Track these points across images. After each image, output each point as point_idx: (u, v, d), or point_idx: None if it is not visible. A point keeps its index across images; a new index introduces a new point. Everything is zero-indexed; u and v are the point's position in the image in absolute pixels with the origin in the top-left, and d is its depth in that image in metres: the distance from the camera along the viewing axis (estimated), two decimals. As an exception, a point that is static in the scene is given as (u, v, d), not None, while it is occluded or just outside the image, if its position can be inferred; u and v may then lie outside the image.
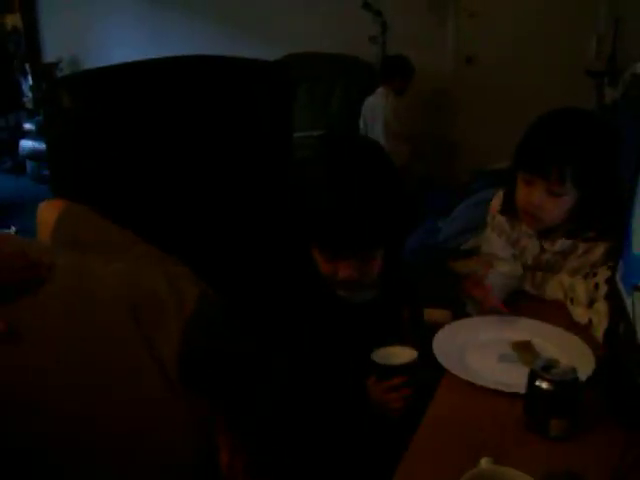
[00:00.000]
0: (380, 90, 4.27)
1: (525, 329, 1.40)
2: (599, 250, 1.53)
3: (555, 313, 1.50)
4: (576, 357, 1.24)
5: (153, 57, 1.67)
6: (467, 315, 1.54)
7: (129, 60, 1.66)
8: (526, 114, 1.62)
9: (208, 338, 0.79)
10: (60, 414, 0.67)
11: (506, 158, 3.70)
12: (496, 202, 1.70)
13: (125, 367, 0.71)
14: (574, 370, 1.06)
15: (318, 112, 4.42)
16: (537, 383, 1.05)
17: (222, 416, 0.84)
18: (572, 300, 1.50)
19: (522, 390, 1.10)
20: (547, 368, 1.06)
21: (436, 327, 1.40)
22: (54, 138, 1.57)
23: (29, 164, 5.34)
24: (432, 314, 1.57)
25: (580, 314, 1.46)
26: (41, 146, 5.21)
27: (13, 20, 5.99)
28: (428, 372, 1.29)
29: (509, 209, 1.62)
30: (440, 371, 1.27)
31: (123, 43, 5.35)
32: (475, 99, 4.59)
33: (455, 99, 4.68)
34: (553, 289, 1.58)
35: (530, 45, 4.34)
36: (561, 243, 1.57)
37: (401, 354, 1.31)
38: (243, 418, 0.91)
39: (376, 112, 4.23)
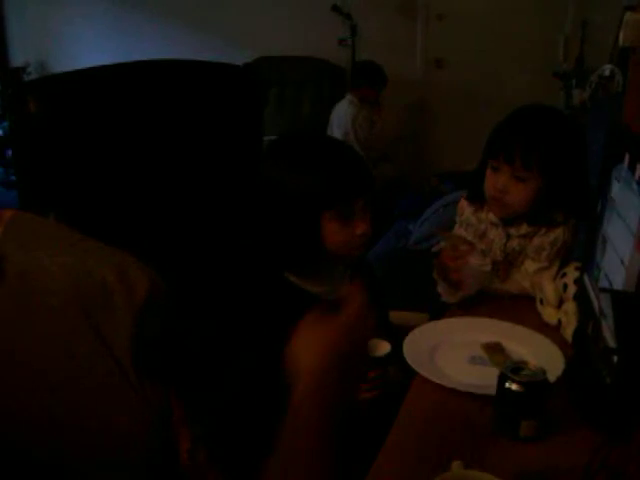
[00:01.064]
0: (347, 96, 4.25)
1: (495, 330, 1.40)
2: (560, 228, 1.58)
3: (525, 314, 1.51)
4: (546, 358, 1.25)
5: (122, 61, 1.65)
6: (440, 306, 1.57)
7: (96, 62, 1.64)
8: (495, 116, 1.66)
9: (160, 325, 0.78)
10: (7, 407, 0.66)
11: (476, 160, 3.73)
12: (464, 201, 1.73)
13: (76, 358, 0.70)
14: (543, 371, 1.06)
15: (288, 116, 4.41)
16: (507, 385, 1.05)
17: (182, 405, 0.84)
18: (542, 301, 1.51)
19: (492, 392, 1.10)
20: (517, 370, 1.06)
21: (410, 330, 1.40)
22: (20, 144, 1.55)
23: (-2, 170, 5.27)
24: (407, 317, 1.57)
25: (549, 315, 1.47)
26: (9, 152, 5.14)
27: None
28: (400, 370, 1.30)
29: (476, 197, 1.67)
30: (410, 372, 1.27)
31: (92, 47, 5.29)
32: (445, 101, 4.62)
33: (425, 102, 4.70)
34: (519, 278, 1.62)
35: (499, 47, 4.38)
36: (526, 227, 1.60)
37: (375, 347, 1.32)
38: (202, 405, 0.91)
39: (340, 119, 4.21)
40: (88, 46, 5.35)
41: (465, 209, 1.72)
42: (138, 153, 1.59)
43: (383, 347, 1.32)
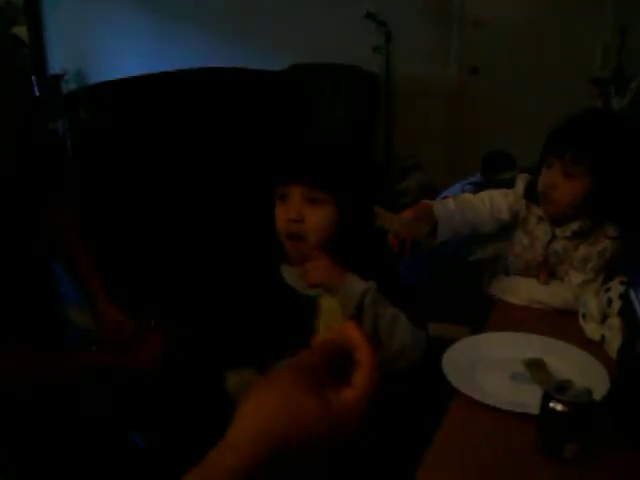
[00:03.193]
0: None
1: (537, 346, 1.37)
2: (609, 242, 1.57)
3: (567, 329, 1.47)
4: (590, 376, 1.21)
5: (157, 69, 1.67)
6: (480, 319, 1.56)
7: (133, 71, 1.65)
8: (531, 124, 1.65)
9: None
10: None
11: (512, 169, 3.67)
12: (522, 179, 1.74)
13: None
14: (589, 392, 1.03)
15: (321, 122, 4.40)
16: (551, 405, 1.02)
17: None
18: (584, 316, 1.47)
19: (535, 411, 1.07)
20: (561, 389, 1.03)
21: (449, 343, 1.38)
22: (72, 147, 1.60)
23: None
24: (446, 330, 1.54)
25: (593, 330, 1.44)
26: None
27: (19, 32, 6.02)
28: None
29: (531, 195, 1.67)
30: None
31: (128, 55, 5.35)
32: (479, 108, 4.57)
33: (460, 109, 4.66)
34: (562, 291, 1.60)
35: (536, 54, 4.32)
36: (574, 227, 1.59)
37: None
38: None
39: None
40: (124, 54, 5.41)
41: (520, 185, 1.72)
42: (183, 155, 1.61)
43: None
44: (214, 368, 1.34)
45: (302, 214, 1.35)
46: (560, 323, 1.53)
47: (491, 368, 1.31)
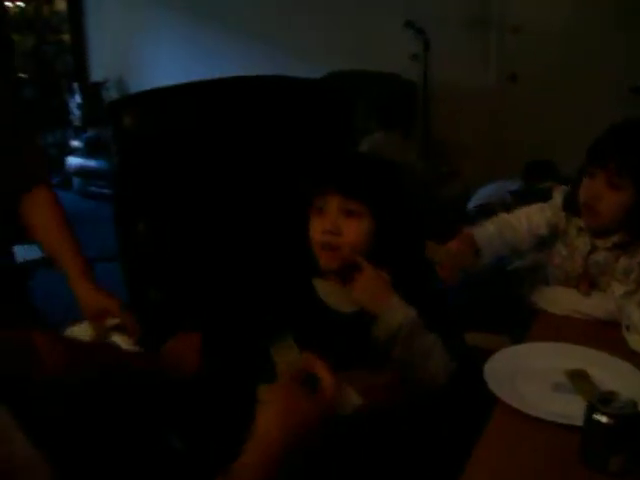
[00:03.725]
0: None
1: (579, 357, 1.36)
2: None
3: (610, 340, 1.46)
4: (634, 388, 1.20)
5: (196, 78, 1.69)
6: (521, 329, 1.55)
7: (173, 79, 1.68)
8: (571, 132, 1.64)
9: None
10: None
11: (550, 178, 3.63)
12: (559, 191, 1.74)
13: None
14: (635, 404, 1.02)
15: (359, 130, 4.41)
16: (596, 417, 1.01)
17: None
18: (628, 327, 1.45)
19: (579, 422, 1.06)
20: (606, 401, 1.02)
21: (489, 353, 1.37)
22: (117, 155, 1.63)
23: (75, 180, 5.44)
24: (486, 340, 1.54)
25: (636, 342, 1.42)
26: (88, 163, 5.31)
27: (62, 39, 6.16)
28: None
29: (571, 207, 1.66)
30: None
31: (167, 62, 5.43)
32: (518, 116, 4.54)
33: (498, 117, 4.63)
34: (605, 302, 1.58)
35: (576, 62, 4.28)
36: (615, 239, 1.58)
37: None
38: None
39: None
40: (164, 62, 5.50)
41: (558, 197, 1.72)
42: (228, 164, 1.63)
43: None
44: (246, 378, 1.34)
45: (338, 226, 1.35)
46: (603, 334, 1.51)
47: (532, 378, 1.30)
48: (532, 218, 1.73)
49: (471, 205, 4.05)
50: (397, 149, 4.05)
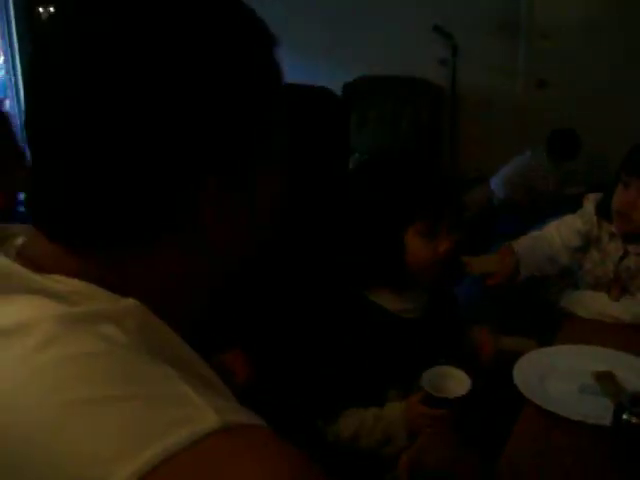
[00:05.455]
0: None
1: (606, 359, 1.38)
2: None
3: (637, 343, 1.47)
4: (662, 390, 1.21)
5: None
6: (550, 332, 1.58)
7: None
8: (598, 140, 1.65)
9: None
10: None
11: (579, 184, 3.65)
12: (591, 199, 1.75)
13: None
14: (663, 404, 1.03)
15: (388, 134, 4.44)
16: (625, 417, 1.02)
17: None
18: (656, 331, 1.47)
19: (606, 422, 1.08)
20: (635, 401, 1.04)
21: (518, 356, 1.39)
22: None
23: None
24: (515, 343, 1.55)
25: (664, 345, 1.43)
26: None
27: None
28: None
29: (604, 213, 1.67)
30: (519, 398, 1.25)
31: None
32: (546, 123, 4.52)
33: (526, 123, 4.62)
34: (632, 306, 1.60)
35: (605, 70, 4.26)
36: None
37: (453, 379, 1.23)
38: None
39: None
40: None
41: (590, 205, 1.73)
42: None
43: (462, 384, 1.21)
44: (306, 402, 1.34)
45: None
46: (630, 337, 1.52)
47: (560, 380, 1.32)
48: (563, 232, 1.75)
49: (494, 187, 4.16)
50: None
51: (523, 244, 1.71)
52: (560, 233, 1.74)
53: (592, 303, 1.65)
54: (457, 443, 1.22)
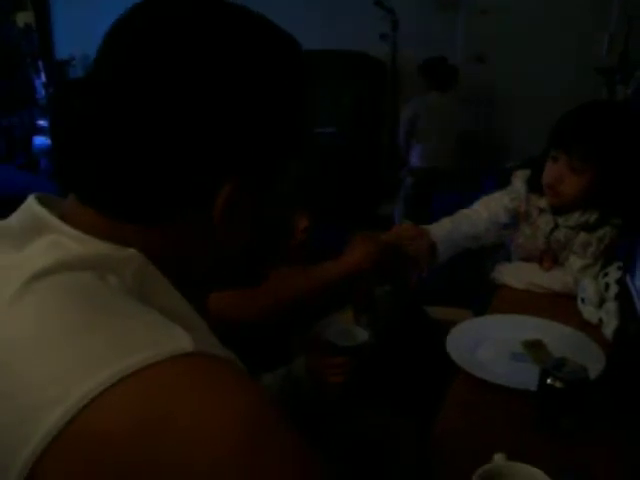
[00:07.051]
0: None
1: (536, 328, 1.43)
2: (608, 225, 1.62)
3: (566, 312, 1.53)
4: (586, 356, 1.26)
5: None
6: (483, 303, 1.63)
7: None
8: (537, 112, 1.68)
9: None
10: None
11: (516, 157, 3.72)
12: (519, 177, 1.79)
13: None
14: (585, 369, 1.09)
15: (329, 109, 4.44)
16: (549, 381, 1.08)
17: None
18: (583, 299, 1.53)
19: (533, 388, 1.13)
20: (558, 367, 1.09)
21: (452, 326, 1.43)
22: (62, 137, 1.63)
23: (42, 161, 5.39)
24: (449, 313, 1.60)
25: (590, 313, 1.49)
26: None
27: (26, 17, 6.02)
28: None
29: (535, 186, 1.71)
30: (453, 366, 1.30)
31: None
32: (485, 97, 4.60)
33: (465, 97, 4.69)
34: (562, 274, 1.66)
35: (542, 43, 4.34)
36: (576, 217, 1.64)
37: (350, 334, 1.32)
38: None
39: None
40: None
41: (518, 182, 1.77)
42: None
43: (358, 335, 1.32)
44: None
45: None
46: (560, 307, 1.58)
47: (492, 348, 1.37)
48: (491, 207, 1.78)
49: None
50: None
51: (441, 228, 1.71)
52: (489, 209, 1.77)
53: (523, 274, 1.70)
54: (392, 412, 1.26)
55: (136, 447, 0.45)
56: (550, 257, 1.70)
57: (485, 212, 1.77)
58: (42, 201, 0.61)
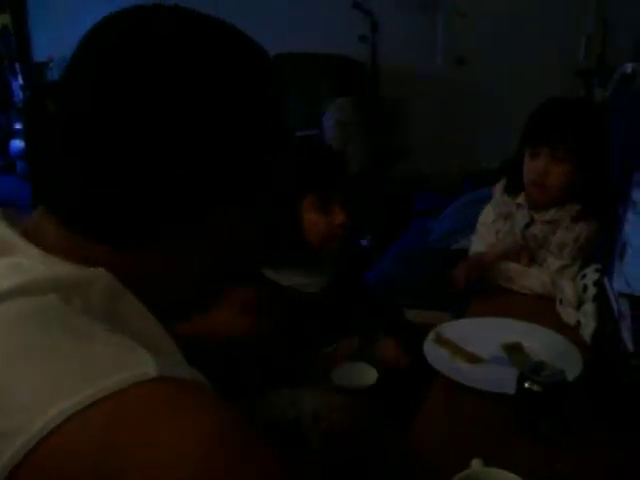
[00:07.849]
0: None
1: (515, 330, 1.42)
2: (584, 225, 1.63)
3: (544, 314, 1.52)
4: (565, 358, 1.26)
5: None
6: (461, 305, 1.62)
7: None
8: (516, 114, 1.69)
9: None
10: None
11: (497, 158, 3.73)
12: (498, 188, 1.81)
13: None
14: (562, 372, 1.08)
15: (307, 111, 4.42)
16: (526, 385, 1.07)
17: None
18: (561, 301, 1.52)
19: (511, 391, 1.12)
20: (536, 370, 1.08)
21: (430, 329, 1.42)
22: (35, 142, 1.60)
23: (19, 164, 5.32)
24: (427, 316, 1.59)
25: (569, 315, 1.49)
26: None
27: (3, 19, 5.95)
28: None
29: (513, 188, 1.73)
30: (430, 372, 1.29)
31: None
32: (465, 100, 4.61)
33: (444, 99, 4.70)
34: (540, 274, 1.65)
35: (521, 45, 4.36)
36: (552, 212, 1.64)
37: (362, 374, 1.26)
38: None
39: None
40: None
41: (497, 193, 1.79)
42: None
43: (370, 376, 1.26)
44: None
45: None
46: (538, 309, 1.58)
47: (471, 351, 1.36)
48: (488, 239, 1.80)
49: None
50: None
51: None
52: (487, 241, 1.79)
53: (504, 273, 1.69)
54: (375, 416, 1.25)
55: (97, 475, 0.44)
56: (527, 253, 1.69)
57: (484, 246, 1.79)
58: (4, 215, 0.59)
